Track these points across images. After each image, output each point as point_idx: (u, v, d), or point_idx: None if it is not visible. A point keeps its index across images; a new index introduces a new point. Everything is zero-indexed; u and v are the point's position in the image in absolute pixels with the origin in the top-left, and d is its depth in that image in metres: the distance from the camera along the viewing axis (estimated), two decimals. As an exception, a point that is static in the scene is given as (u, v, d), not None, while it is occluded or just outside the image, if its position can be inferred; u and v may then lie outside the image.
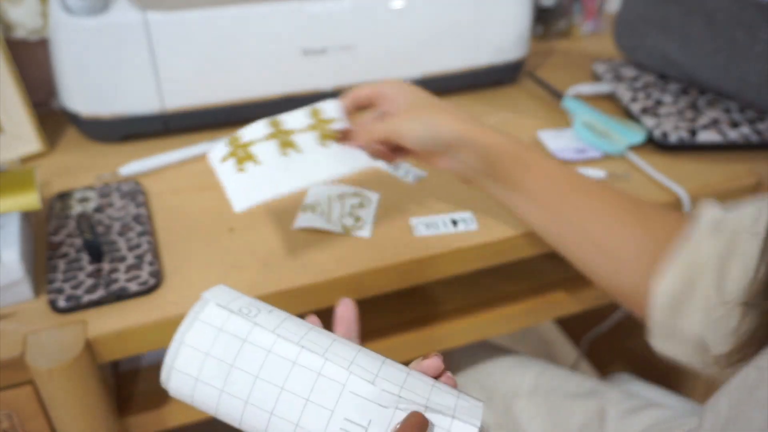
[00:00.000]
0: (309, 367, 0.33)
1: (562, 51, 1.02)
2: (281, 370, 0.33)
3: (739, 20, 0.72)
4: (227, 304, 0.35)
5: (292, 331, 0.34)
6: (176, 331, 0.34)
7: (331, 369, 0.33)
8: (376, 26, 0.75)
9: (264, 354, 0.33)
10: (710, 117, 0.76)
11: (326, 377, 0.33)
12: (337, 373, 0.33)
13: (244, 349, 0.33)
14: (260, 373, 0.33)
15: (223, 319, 0.34)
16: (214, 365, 0.33)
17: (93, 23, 0.66)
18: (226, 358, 0.33)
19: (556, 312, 0.75)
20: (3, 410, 0.50)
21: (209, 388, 0.33)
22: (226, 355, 0.33)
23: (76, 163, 0.70)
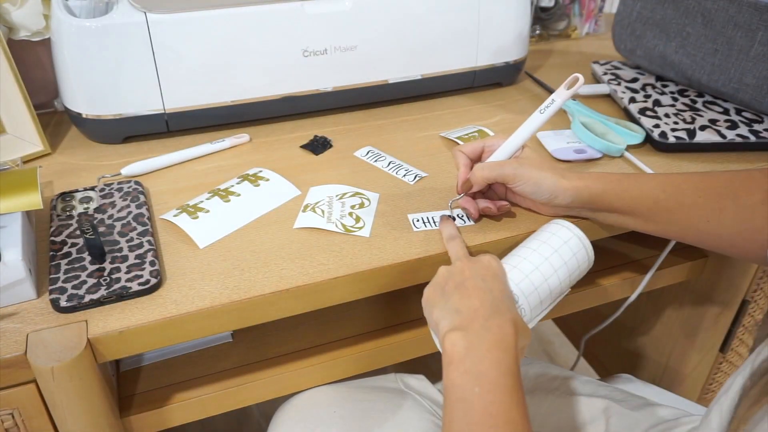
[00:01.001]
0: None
1: (561, 52, 1.02)
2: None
3: (736, 22, 0.73)
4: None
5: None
6: None
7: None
8: (376, 26, 0.76)
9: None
10: (708, 118, 0.76)
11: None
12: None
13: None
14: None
15: None
16: None
17: (94, 24, 0.66)
18: None
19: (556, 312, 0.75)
20: (6, 409, 0.50)
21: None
22: None
23: (78, 163, 0.71)
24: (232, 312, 0.53)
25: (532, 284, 0.53)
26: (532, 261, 0.54)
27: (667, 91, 0.83)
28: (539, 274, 0.54)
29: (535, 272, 0.54)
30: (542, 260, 0.54)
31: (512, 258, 0.56)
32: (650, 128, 0.74)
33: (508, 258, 0.56)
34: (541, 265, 0.54)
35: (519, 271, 0.54)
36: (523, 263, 0.54)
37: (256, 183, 0.66)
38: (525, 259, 0.55)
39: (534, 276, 0.54)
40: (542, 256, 0.55)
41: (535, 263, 0.54)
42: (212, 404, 0.61)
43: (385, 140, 0.75)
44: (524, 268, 0.54)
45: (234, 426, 1.20)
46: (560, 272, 0.55)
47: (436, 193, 0.66)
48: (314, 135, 0.76)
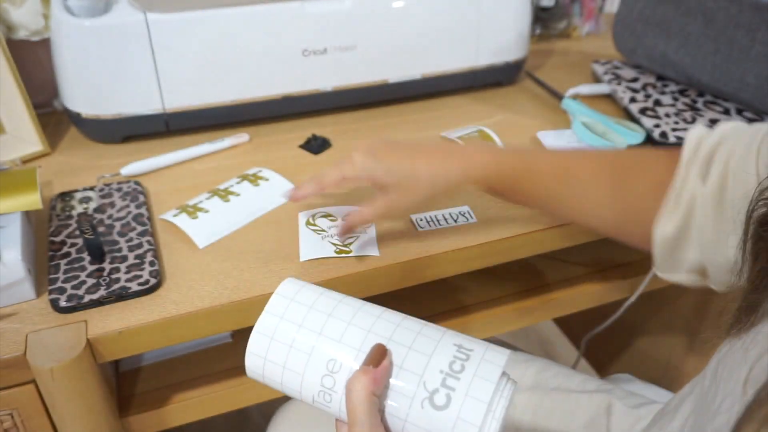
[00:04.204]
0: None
1: (561, 51, 1.02)
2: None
3: (737, 21, 0.73)
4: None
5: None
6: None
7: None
8: (376, 26, 0.76)
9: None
10: (709, 118, 0.76)
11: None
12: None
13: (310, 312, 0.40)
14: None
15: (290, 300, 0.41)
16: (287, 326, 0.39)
17: (94, 24, 0.66)
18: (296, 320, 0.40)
19: (556, 312, 0.75)
20: (5, 409, 0.50)
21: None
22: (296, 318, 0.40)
23: (78, 163, 0.71)
24: (232, 312, 0.53)
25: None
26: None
27: (668, 90, 0.83)
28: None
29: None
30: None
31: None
32: (651, 128, 0.74)
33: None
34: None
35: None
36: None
37: (255, 183, 0.66)
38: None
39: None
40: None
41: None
42: (212, 404, 0.61)
43: (385, 140, 0.75)
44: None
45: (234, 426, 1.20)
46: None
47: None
48: (314, 135, 0.75)
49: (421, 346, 0.37)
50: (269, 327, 0.39)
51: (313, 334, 0.38)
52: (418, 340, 0.38)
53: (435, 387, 0.36)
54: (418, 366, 0.37)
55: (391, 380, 0.37)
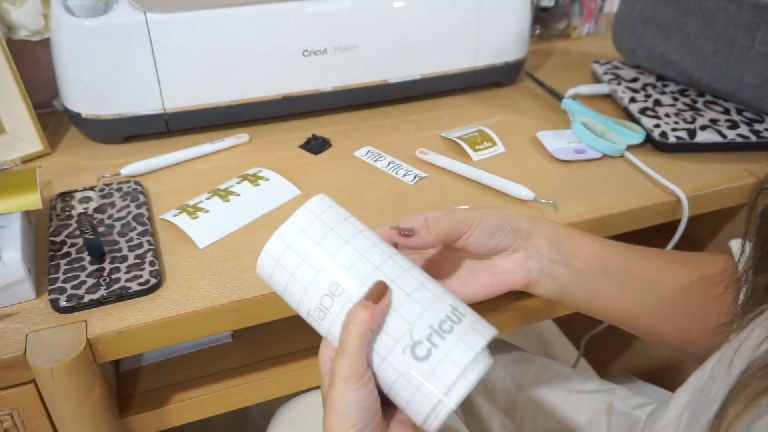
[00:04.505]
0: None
1: (561, 51, 1.02)
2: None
3: (737, 21, 0.73)
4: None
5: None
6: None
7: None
8: (376, 26, 0.76)
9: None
10: (708, 118, 0.76)
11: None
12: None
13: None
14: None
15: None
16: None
17: (94, 24, 0.66)
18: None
19: (556, 312, 0.75)
20: (5, 409, 0.50)
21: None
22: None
23: (78, 163, 0.71)
24: (232, 312, 0.53)
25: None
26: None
27: (668, 90, 0.83)
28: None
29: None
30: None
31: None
32: (651, 128, 0.74)
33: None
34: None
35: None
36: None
37: (255, 183, 0.66)
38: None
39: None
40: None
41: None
42: (212, 404, 0.61)
43: (385, 140, 0.75)
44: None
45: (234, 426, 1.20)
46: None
47: (435, 193, 0.66)
48: (314, 135, 0.75)
49: (420, 296, 0.39)
50: (290, 235, 0.41)
51: (326, 254, 0.40)
52: (418, 290, 0.39)
53: (420, 339, 0.38)
54: (411, 314, 0.38)
55: (386, 318, 0.39)
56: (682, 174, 0.69)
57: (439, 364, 0.37)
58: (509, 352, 0.77)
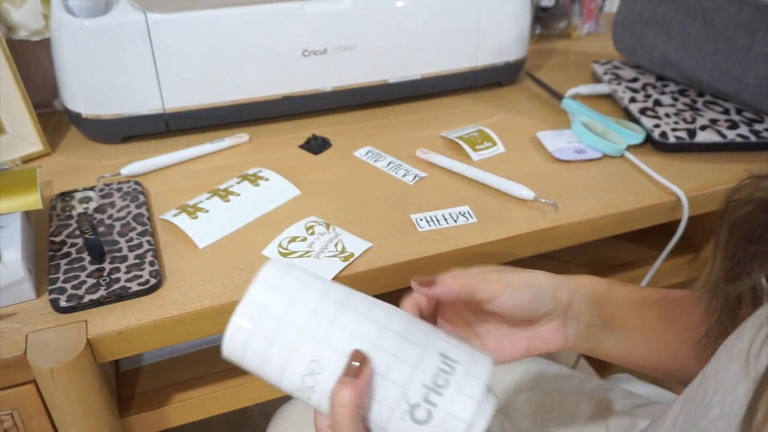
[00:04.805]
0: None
1: (561, 51, 1.02)
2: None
3: (737, 21, 0.73)
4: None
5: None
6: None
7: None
8: (376, 26, 0.76)
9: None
10: (708, 118, 0.76)
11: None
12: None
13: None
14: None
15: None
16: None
17: (94, 24, 0.66)
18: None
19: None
20: (5, 409, 0.50)
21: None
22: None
23: (78, 163, 0.71)
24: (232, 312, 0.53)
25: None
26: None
27: (668, 90, 0.83)
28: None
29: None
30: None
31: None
32: (651, 128, 0.74)
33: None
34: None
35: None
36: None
37: (255, 183, 0.66)
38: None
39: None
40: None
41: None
42: (212, 404, 0.61)
43: (385, 140, 0.75)
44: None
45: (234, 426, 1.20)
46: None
47: (435, 193, 0.66)
48: (314, 135, 0.75)
49: (406, 354, 0.36)
50: (250, 317, 0.37)
51: (295, 331, 0.37)
52: (403, 348, 0.37)
53: (417, 401, 0.35)
54: (401, 377, 0.36)
55: (375, 387, 0.36)
56: (681, 174, 0.69)
57: (445, 423, 0.35)
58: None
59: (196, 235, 0.58)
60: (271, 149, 0.74)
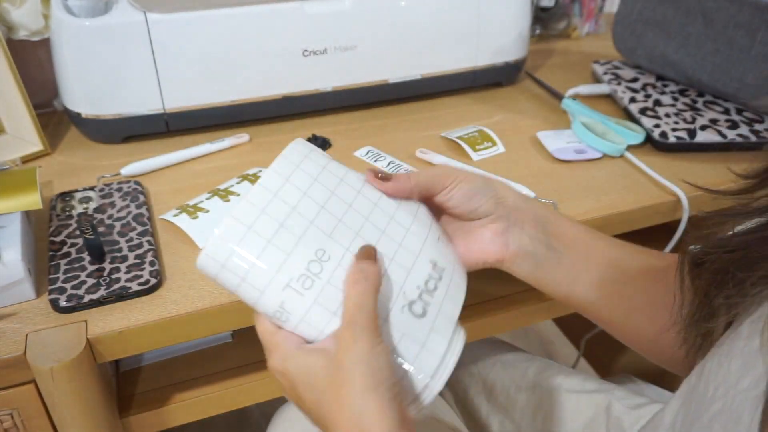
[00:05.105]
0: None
1: (561, 51, 1.02)
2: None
3: (737, 21, 0.73)
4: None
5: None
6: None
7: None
8: (376, 26, 0.76)
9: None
10: (709, 118, 0.76)
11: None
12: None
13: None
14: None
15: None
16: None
17: (94, 24, 0.66)
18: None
19: (556, 312, 0.75)
20: (5, 409, 0.50)
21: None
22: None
23: (78, 163, 0.71)
24: (232, 312, 0.53)
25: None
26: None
27: (668, 90, 0.83)
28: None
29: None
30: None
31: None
32: (651, 128, 0.74)
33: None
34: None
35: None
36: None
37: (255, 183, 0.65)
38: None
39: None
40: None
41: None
42: (212, 404, 0.61)
43: (385, 140, 0.75)
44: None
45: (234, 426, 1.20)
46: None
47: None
48: (314, 135, 0.76)
49: (402, 258, 0.41)
50: (262, 201, 0.39)
51: (305, 220, 0.39)
52: (399, 253, 0.41)
53: (413, 298, 0.40)
54: (399, 277, 0.40)
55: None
56: (681, 174, 0.69)
57: (437, 319, 0.39)
58: (508, 353, 0.77)
59: (196, 235, 0.58)
60: (271, 149, 0.74)
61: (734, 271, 0.35)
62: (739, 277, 0.35)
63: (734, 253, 0.37)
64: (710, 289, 0.38)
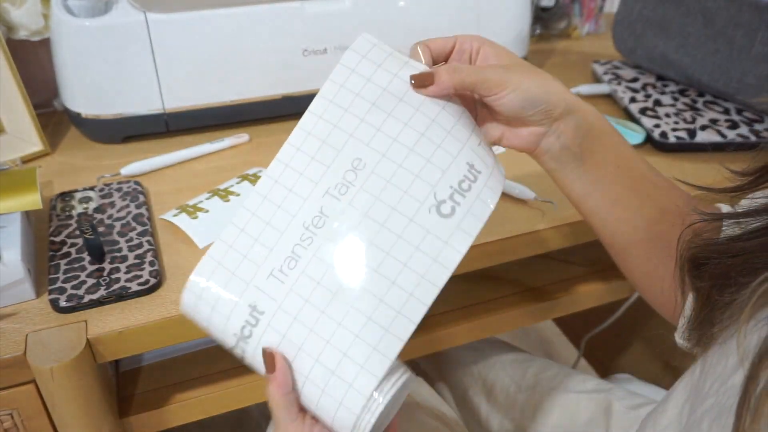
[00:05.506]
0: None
1: (561, 51, 1.02)
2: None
3: (737, 21, 0.73)
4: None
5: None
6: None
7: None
8: (376, 26, 0.76)
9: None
10: (709, 117, 0.76)
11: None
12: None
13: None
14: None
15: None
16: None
17: (94, 24, 0.66)
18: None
19: (556, 312, 0.75)
20: (5, 409, 0.50)
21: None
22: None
23: (78, 163, 0.71)
24: (232, 312, 0.53)
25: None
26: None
27: (668, 90, 0.83)
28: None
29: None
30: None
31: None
32: (651, 128, 0.74)
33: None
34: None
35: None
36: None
37: (255, 183, 0.65)
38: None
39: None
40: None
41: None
42: (212, 404, 0.61)
43: (385, 140, 0.75)
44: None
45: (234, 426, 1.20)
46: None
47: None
48: (314, 135, 0.75)
49: (439, 159, 0.42)
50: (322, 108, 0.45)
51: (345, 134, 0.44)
52: (436, 153, 0.42)
53: (443, 198, 0.42)
54: (433, 177, 0.42)
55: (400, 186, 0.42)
56: (681, 174, 0.69)
57: (463, 220, 0.42)
58: (508, 353, 0.77)
59: (196, 235, 0.58)
60: (271, 149, 0.73)
61: (736, 276, 0.35)
62: (741, 282, 0.35)
63: (736, 258, 0.37)
64: (712, 292, 0.38)
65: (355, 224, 0.41)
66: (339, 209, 0.42)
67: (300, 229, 0.42)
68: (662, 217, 0.48)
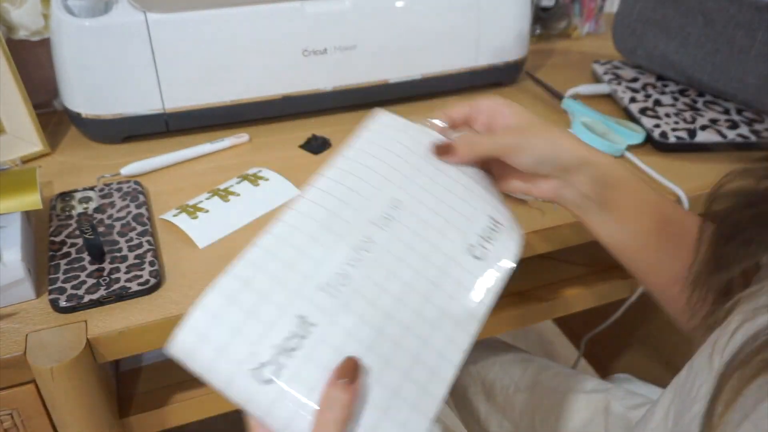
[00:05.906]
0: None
1: (561, 51, 1.02)
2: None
3: (737, 21, 0.73)
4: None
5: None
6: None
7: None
8: (376, 26, 0.76)
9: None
10: (709, 117, 0.76)
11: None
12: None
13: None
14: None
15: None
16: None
17: (94, 24, 0.66)
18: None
19: (556, 312, 0.75)
20: (5, 409, 0.50)
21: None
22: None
23: (78, 163, 0.71)
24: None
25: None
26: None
27: (668, 90, 0.83)
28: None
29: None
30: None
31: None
32: (651, 128, 0.74)
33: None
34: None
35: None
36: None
37: (255, 183, 0.66)
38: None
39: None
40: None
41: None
42: (212, 404, 0.61)
43: (385, 140, 0.75)
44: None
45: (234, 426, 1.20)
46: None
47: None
48: (314, 135, 0.75)
49: (465, 209, 0.47)
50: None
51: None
52: (461, 206, 0.47)
53: (473, 242, 0.45)
54: (462, 225, 0.46)
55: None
56: (681, 174, 0.69)
57: (493, 262, 0.47)
58: (508, 353, 0.77)
59: (196, 235, 0.58)
60: (271, 149, 0.74)
61: (749, 225, 0.36)
62: (754, 231, 0.36)
63: (755, 209, 0.38)
64: (726, 239, 0.39)
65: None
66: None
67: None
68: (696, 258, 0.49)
